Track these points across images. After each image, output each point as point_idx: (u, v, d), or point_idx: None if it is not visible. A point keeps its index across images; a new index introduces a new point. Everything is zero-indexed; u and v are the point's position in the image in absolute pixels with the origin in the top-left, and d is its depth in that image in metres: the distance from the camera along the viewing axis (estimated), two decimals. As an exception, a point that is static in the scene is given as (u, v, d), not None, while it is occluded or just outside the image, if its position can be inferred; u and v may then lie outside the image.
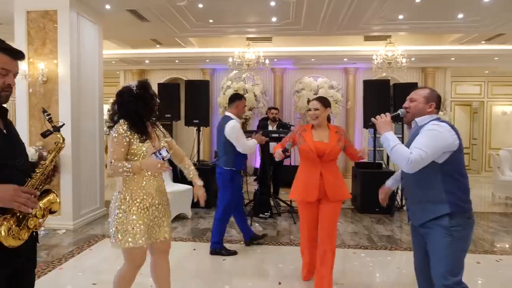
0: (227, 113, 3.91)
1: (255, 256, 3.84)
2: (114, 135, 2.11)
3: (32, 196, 1.30)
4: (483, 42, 7.39)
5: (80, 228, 4.73)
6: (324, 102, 2.90)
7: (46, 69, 4.65)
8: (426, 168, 1.91)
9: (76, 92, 4.80)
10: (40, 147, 4.55)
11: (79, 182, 4.87)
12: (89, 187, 5.11)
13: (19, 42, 4.70)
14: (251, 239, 4.14)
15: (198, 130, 6.22)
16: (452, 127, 1.98)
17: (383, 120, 2.09)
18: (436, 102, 2.11)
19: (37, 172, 1.42)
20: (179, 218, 5.18)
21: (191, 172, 2.42)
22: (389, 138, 2.01)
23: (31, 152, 4.40)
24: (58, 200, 1.48)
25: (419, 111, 2.10)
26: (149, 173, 2.15)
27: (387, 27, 6.20)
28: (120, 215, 2.11)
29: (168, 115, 6.05)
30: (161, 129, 2.35)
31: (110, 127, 2.19)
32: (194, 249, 4.00)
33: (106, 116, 10.90)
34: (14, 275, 1.40)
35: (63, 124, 1.64)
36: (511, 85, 10.09)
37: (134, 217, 2.10)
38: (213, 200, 6.00)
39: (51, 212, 1.47)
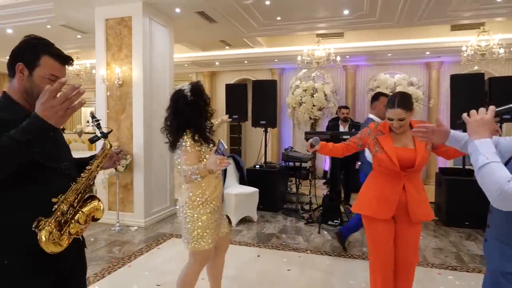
0: (370, 115, 3.90)
1: (323, 268, 3.53)
2: (185, 144, 2.11)
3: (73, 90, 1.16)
4: None
5: (150, 226, 4.88)
6: (408, 105, 2.19)
7: (122, 73, 4.89)
8: None
9: (149, 94, 4.97)
10: (115, 147, 4.79)
11: (151, 181, 5.04)
12: (160, 186, 5.26)
13: (99, 49, 5.03)
14: (341, 237, 3.95)
15: (265, 131, 6.07)
16: None
17: (478, 119, 1.36)
18: None
19: (83, 177, 1.34)
20: (245, 221, 5.07)
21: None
22: (480, 150, 1.30)
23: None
24: (102, 206, 1.39)
25: None
26: (214, 174, 2.20)
27: (480, 13, 5.36)
28: (188, 219, 2.16)
29: (236, 116, 6.00)
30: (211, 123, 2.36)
31: (171, 144, 2.20)
32: (258, 256, 3.83)
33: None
34: (61, 283, 1.34)
35: (111, 131, 1.62)
36: None
37: (203, 219, 2.15)
38: (279, 203, 5.83)
39: (94, 219, 1.38)
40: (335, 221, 4.91)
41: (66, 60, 1.33)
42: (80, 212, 1.30)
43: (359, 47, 7.70)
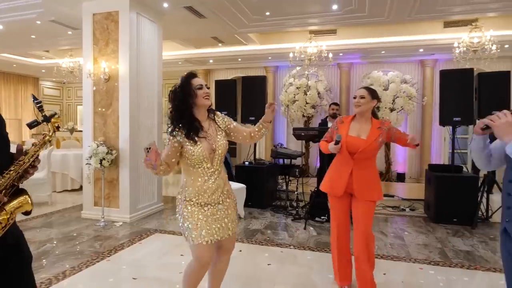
0: None
1: (303, 263, 3.49)
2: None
3: None
4: None
5: (136, 222, 4.85)
6: (372, 92, 2.69)
7: (109, 68, 4.87)
8: None
9: (136, 89, 4.94)
10: (101, 142, 4.76)
11: (137, 177, 5.00)
12: (147, 182, 5.23)
13: (86, 43, 5.01)
14: None
15: (255, 128, 6.03)
16: None
17: (504, 121, 1.43)
18: None
19: (11, 170, 1.27)
20: (231, 217, 5.02)
21: (260, 125, 2.23)
22: None
23: (93, 147, 4.63)
24: (29, 200, 1.32)
25: None
26: (198, 170, 2.09)
27: (472, 8, 5.31)
28: (179, 213, 2.15)
29: (225, 112, 5.93)
30: (222, 119, 2.22)
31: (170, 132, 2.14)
32: (240, 251, 3.79)
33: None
34: None
35: (55, 114, 1.45)
36: None
37: (188, 214, 2.09)
38: (268, 200, 5.79)
39: (25, 213, 1.32)
40: (322, 217, 4.87)
41: None
42: (3, 210, 1.25)
43: (352, 44, 7.67)
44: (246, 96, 5.97)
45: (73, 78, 8.86)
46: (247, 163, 5.94)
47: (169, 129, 2.11)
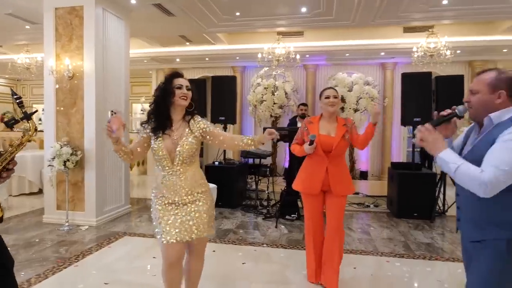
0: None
1: (278, 261, 3.56)
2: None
3: None
4: (542, 30, 6.60)
5: (103, 225, 4.68)
6: (336, 91, 2.87)
7: (72, 65, 4.66)
8: None
9: (102, 88, 4.77)
10: (65, 143, 4.55)
11: (103, 179, 4.83)
12: (114, 184, 5.07)
13: (47, 39, 4.77)
14: None
15: (225, 128, 6.04)
16: None
17: (430, 138, 1.58)
18: (508, 88, 1.53)
19: None
20: (202, 217, 4.99)
21: (249, 141, 2.16)
22: (447, 160, 1.52)
23: (56, 148, 4.41)
24: None
25: (485, 106, 1.56)
26: (164, 172, 2.12)
27: (429, 15, 5.65)
28: (151, 212, 2.20)
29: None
30: (197, 124, 2.18)
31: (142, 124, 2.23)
32: (214, 251, 3.78)
33: (139, 115, 11.01)
34: None
35: (36, 111, 1.39)
36: None
37: (159, 214, 2.11)
38: (239, 200, 5.81)
39: None
40: (292, 215, 4.98)
41: None
42: None
43: (318, 46, 7.87)
44: (215, 96, 5.96)
45: (29, 75, 8.36)
46: (217, 163, 5.93)
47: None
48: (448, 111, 1.69)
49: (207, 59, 8.96)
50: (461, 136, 1.80)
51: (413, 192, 5.08)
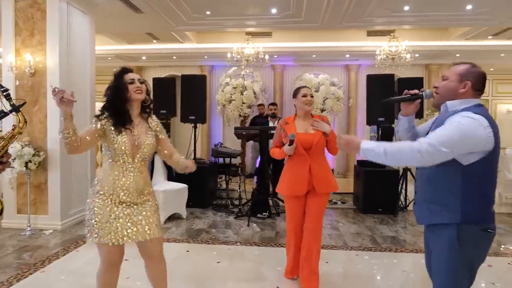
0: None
1: (252, 259, 3.60)
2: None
3: None
4: (490, 37, 7.14)
5: (68, 229, 4.49)
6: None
7: (34, 61, 4.43)
8: (445, 165, 1.52)
9: (66, 85, 4.54)
10: (27, 143, 4.32)
11: (68, 180, 4.63)
12: (79, 185, 4.87)
13: (6, 33, 4.50)
14: None
15: (195, 127, 5.99)
16: (491, 122, 1.52)
17: (345, 141, 1.66)
18: (474, 81, 1.60)
19: None
20: (173, 218, 4.94)
21: (180, 161, 2.25)
22: (371, 147, 1.57)
23: (17, 148, 4.17)
24: None
25: (449, 92, 1.64)
26: (121, 168, 2.03)
27: (391, 20, 5.95)
28: (88, 208, 2.04)
29: (163, 111, 5.81)
30: (155, 123, 2.20)
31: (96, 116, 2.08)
32: (187, 251, 3.76)
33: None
34: None
35: (25, 103, 1.33)
36: (517, 83, 9.84)
37: (97, 211, 1.99)
38: (209, 200, 5.79)
39: None
40: (263, 213, 5.04)
41: None
42: None
43: (286, 47, 8.00)
44: (185, 95, 5.89)
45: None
46: (187, 162, 5.86)
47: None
48: (416, 91, 1.83)
49: (174, 57, 8.82)
50: (428, 122, 1.92)
51: (378, 189, 5.33)
